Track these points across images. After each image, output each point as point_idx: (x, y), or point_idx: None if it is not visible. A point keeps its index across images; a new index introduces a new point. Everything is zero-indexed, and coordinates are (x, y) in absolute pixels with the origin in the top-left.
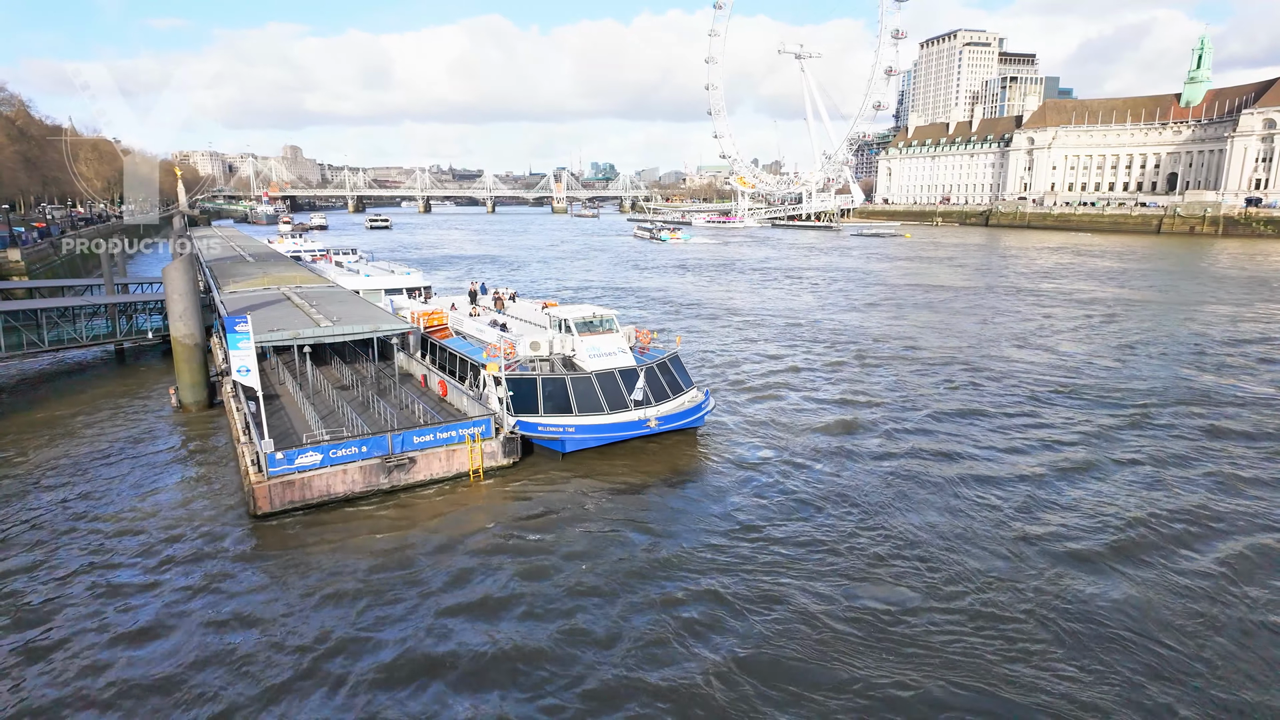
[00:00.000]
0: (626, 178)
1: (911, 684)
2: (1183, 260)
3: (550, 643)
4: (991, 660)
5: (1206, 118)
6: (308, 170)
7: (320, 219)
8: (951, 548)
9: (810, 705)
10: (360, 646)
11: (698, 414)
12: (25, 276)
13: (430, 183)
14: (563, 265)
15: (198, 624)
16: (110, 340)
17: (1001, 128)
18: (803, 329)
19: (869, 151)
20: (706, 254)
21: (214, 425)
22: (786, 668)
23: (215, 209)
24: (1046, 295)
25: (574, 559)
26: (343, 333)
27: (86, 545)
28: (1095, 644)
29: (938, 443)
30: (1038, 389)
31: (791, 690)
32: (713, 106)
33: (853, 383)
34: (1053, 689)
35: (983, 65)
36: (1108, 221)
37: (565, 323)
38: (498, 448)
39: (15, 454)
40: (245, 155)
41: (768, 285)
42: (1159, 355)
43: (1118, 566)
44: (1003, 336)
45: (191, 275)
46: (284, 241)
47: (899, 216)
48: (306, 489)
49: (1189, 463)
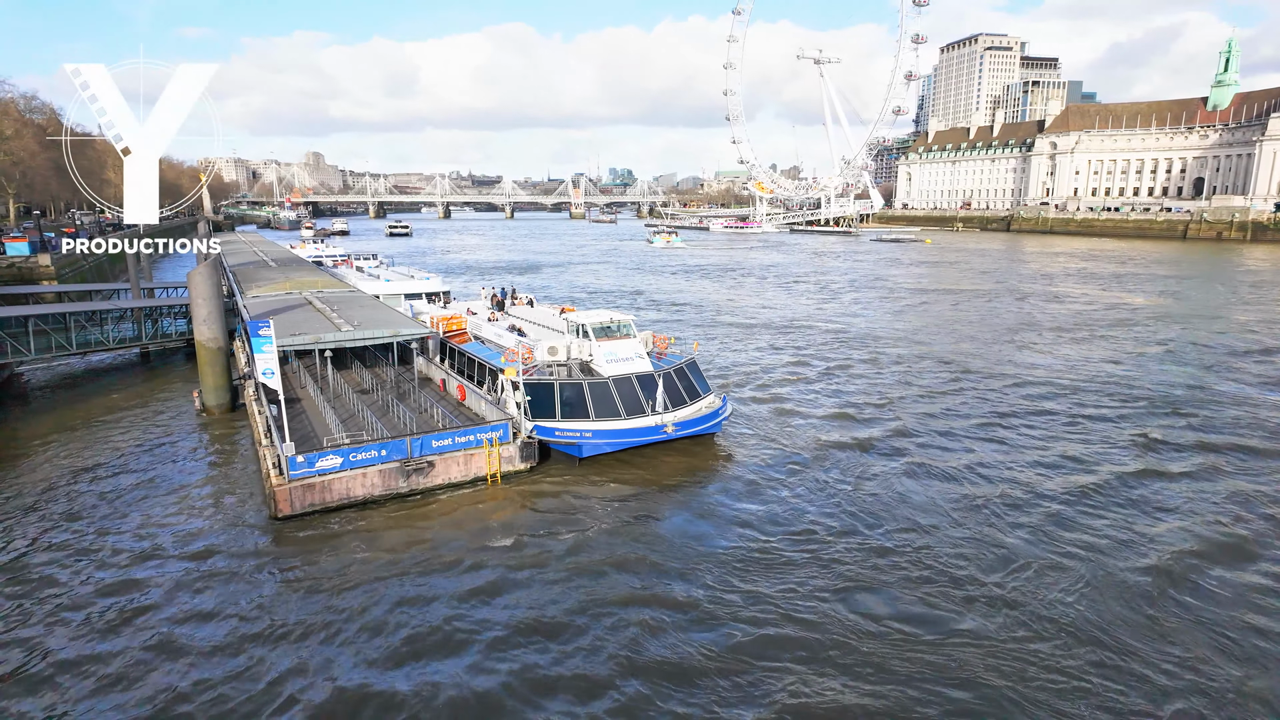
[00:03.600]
0: (644, 183)
1: (936, 700)
2: (1212, 265)
3: (566, 647)
4: (1028, 681)
5: (1234, 121)
6: (329, 176)
7: (342, 224)
8: (976, 561)
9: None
10: (376, 648)
11: (715, 419)
12: (54, 281)
13: (450, 188)
14: (575, 269)
15: (216, 623)
16: (136, 344)
17: (1023, 132)
18: (822, 334)
19: (888, 156)
20: (700, 259)
21: (236, 428)
22: (803, 677)
23: (239, 214)
24: (1077, 301)
25: (591, 564)
26: (363, 337)
27: (109, 544)
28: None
29: (961, 453)
30: (1070, 398)
31: (803, 698)
32: (731, 112)
33: (873, 389)
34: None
35: (1004, 69)
36: (1132, 227)
37: (583, 328)
38: (515, 452)
39: (45, 454)
40: (268, 162)
41: (769, 289)
42: (1212, 366)
43: (1174, 594)
44: (1028, 343)
45: (215, 280)
46: (306, 247)
47: (919, 222)
48: (327, 492)
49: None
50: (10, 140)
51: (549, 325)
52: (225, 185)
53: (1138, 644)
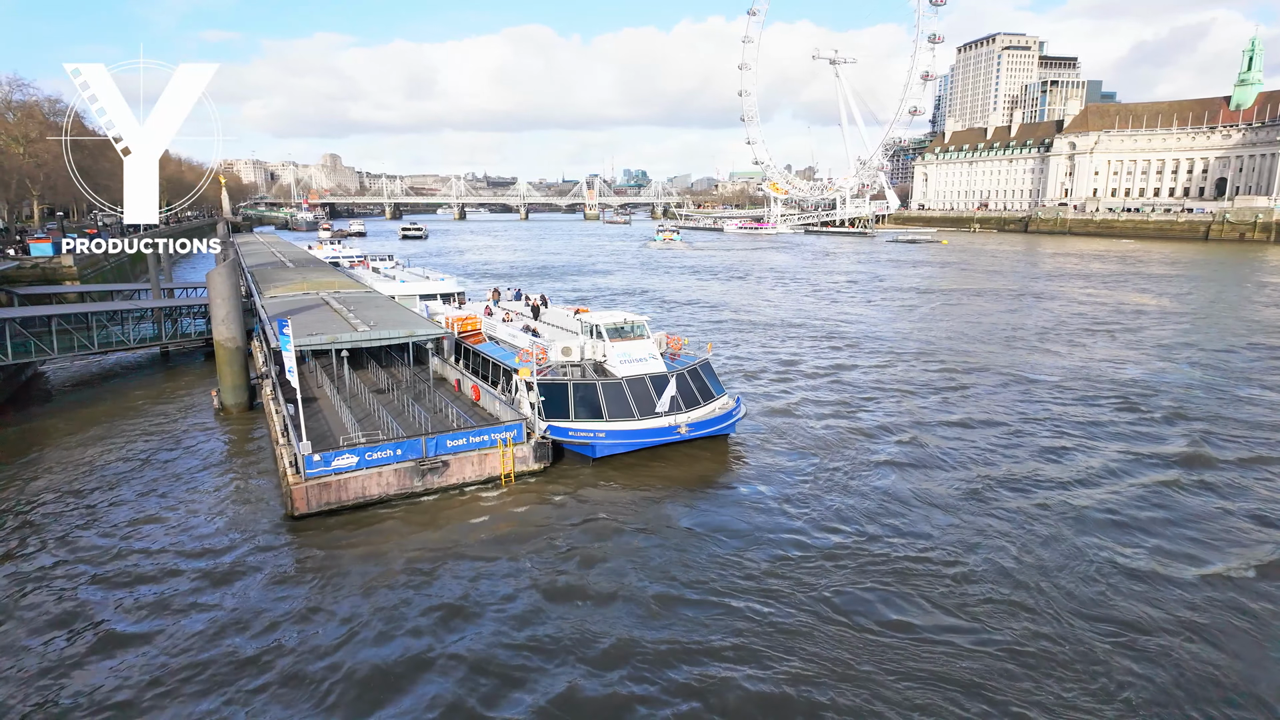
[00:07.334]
0: (658, 184)
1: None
2: (1237, 267)
3: (579, 645)
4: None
5: (1258, 121)
6: (346, 178)
7: (359, 225)
8: (995, 567)
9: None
10: (390, 647)
11: (729, 420)
12: (77, 281)
13: (465, 190)
14: (584, 268)
15: (231, 619)
16: (156, 343)
17: (1041, 133)
18: (837, 335)
19: (905, 157)
20: (709, 259)
21: (254, 427)
22: (816, 681)
23: (257, 216)
24: (1104, 303)
25: (603, 564)
26: (379, 337)
27: (129, 540)
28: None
29: (976, 455)
30: (1100, 403)
31: (817, 700)
32: (746, 113)
33: (888, 391)
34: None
35: (1022, 69)
36: (1153, 228)
37: (597, 328)
38: (529, 452)
39: (66, 451)
40: (286, 163)
41: (781, 290)
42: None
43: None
44: (1050, 345)
45: (234, 280)
46: (323, 248)
47: (935, 223)
48: (343, 491)
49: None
50: (35, 143)
51: (563, 325)
52: (244, 187)
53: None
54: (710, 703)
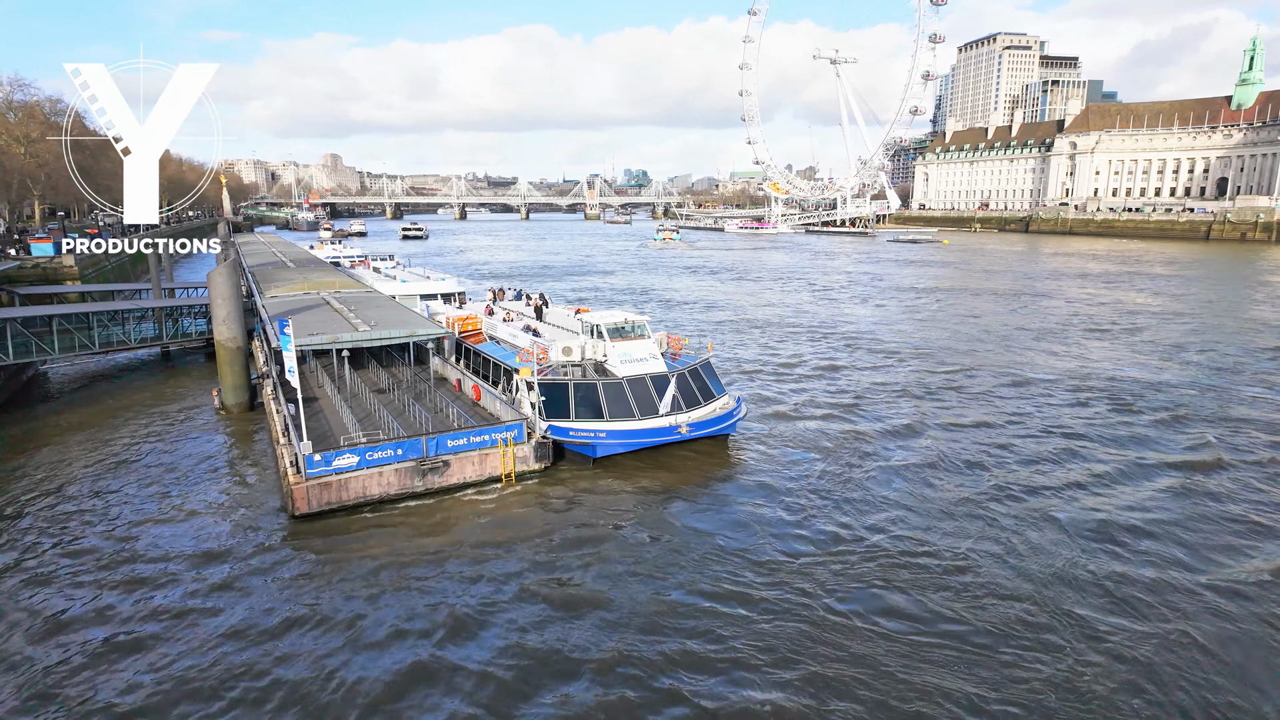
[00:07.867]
0: (659, 184)
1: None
2: (1238, 266)
3: (580, 647)
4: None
5: (1259, 121)
6: (347, 178)
7: (359, 225)
8: (1001, 565)
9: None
10: (391, 647)
11: (729, 420)
12: (78, 281)
13: (466, 190)
14: (585, 267)
15: (233, 619)
16: (157, 343)
17: (1042, 132)
18: (837, 335)
19: (905, 157)
20: (707, 258)
21: (255, 427)
22: (817, 681)
23: (258, 216)
24: (1097, 303)
25: (604, 564)
26: (380, 337)
27: (129, 541)
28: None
29: (976, 455)
30: (1103, 402)
31: (816, 705)
32: (746, 113)
33: (889, 390)
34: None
35: (1023, 69)
36: (1154, 227)
37: (597, 328)
38: (530, 452)
39: (68, 450)
40: (287, 163)
41: (781, 289)
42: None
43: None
44: (1052, 345)
45: (235, 280)
46: (324, 248)
47: (936, 222)
48: (343, 490)
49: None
50: (36, 143)
51: (564, 325)
52: (245, 187)
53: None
54: (711, 703)
